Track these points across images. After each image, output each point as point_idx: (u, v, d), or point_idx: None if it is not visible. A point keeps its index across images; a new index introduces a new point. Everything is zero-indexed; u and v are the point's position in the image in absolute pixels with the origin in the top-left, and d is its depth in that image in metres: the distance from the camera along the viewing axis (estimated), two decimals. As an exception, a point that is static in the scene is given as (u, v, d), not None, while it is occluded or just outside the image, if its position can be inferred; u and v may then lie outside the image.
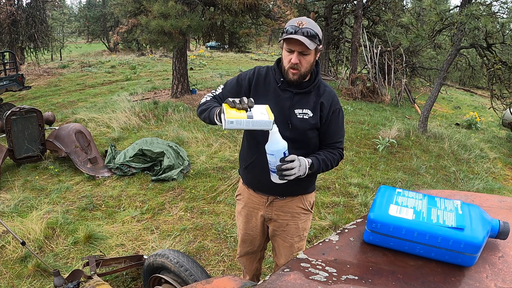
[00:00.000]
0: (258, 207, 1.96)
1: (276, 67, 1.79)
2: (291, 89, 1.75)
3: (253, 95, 1.79)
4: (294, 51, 1.63)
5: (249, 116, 1.38)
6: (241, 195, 2.05)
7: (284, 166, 1.50)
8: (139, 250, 3.22)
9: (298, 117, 1.74)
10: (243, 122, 1.38)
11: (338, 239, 0.80)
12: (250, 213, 2.00)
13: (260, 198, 1.94)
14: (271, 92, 1.78)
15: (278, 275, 0.67)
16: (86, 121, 7.24)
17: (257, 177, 1.89)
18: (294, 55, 1.63)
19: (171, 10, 7.25)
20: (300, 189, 1.90)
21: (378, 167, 5.50)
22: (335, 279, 0.65)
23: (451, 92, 16.96)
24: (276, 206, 1.92)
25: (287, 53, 1.66)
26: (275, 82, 1.78)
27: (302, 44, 1.58)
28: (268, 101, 1.70)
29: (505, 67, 6.91)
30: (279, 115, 1.70)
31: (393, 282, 0.65)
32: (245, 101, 1.41)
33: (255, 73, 1.82)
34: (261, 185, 1.89)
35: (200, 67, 17.83)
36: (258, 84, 1.81)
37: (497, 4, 7.45)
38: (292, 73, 1.68)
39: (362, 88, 11.18)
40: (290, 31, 1.60)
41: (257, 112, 1.42)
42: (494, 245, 0.77)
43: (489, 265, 0.70)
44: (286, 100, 1.75)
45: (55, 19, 25.77)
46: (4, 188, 4.41)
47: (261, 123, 1.41)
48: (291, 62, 1.65)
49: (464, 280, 0.66)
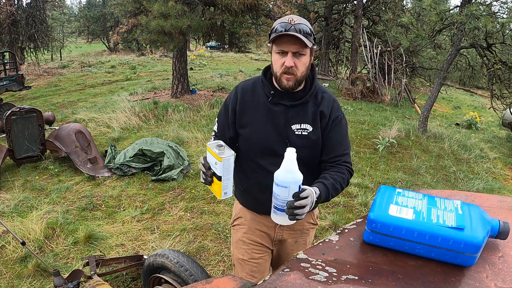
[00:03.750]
0: (266, 229, 1.71)
1: (264, 79, 1.56)
2: (284, 102, 1.51)
3: (240, 118, 1.57)
4: (288, 52, 1.40)
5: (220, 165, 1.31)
6: (242, 218, 1.76)
7: (298, 203, 1.17)
8: (139, 250, 3.22)
9: (296, 134, 1.51)
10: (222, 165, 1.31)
11: (338, 239, 0.80)
12: (255, 238, 1.72)
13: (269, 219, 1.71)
14: (261, 109, 1.54)
15: (278, 275, 0.67)
16: (86, 121, 7.24)
17: (260, 199, 1.64)
18: (288, 57, 1.40)
19: (171, 10, 7.25)
20: None
21: (378, 167, 5.49)
22: (335, 279, 0.65)
23: (451, 92, 16.96)
24: (287, 226, 1.68)
25: (278, 56, 1.43)
26: (265, 96, 1.54)
27: (297, 42, 1.37)
28: (259, 119, 1.53)
29: (505, 67, 6.91)
30: (273, 134, 1.51)
31: (393, 282, 0.65)
32: (208, 174, 1.36)
33: (238, 93, 1.59)
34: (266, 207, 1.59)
35: (200, 67, 17.83)
36: (244, 103, 1.57)
37: (497, 4, 7.45)
38: (287, 78, 1.44)
39: (362, 88, 11.18)
40: (280, 29, 1.38)
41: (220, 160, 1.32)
42: (494, 245, 0.77)
43: (489, 265, 0.70)
44: (280, 115, 1.52)
45: (55, 19, 25.77)
46: (4, 188, 4.41)
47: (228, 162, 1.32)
48: (284, 65, 1.41)
49: (464, 280, 0.66)
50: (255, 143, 1.55)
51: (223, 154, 1.29)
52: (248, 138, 1.57)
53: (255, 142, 1.55)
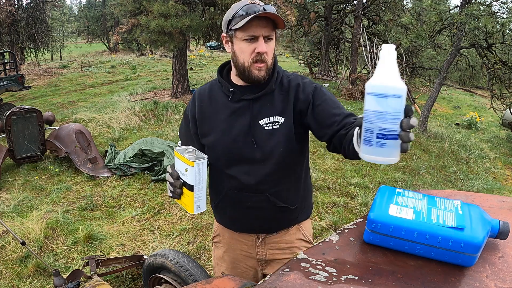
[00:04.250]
0: (246, 248, 1.50)
1: (220, 78, 1.38)
2: (247, 96, 1.32)
3: (201, 127, 1.41)
4: (258, 37, 1.22)
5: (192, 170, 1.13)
6: (219, 236, 1.56)
7: (412, 121, 0.80)
8: (139, 250, 3.22)
9: (266, 129, 1.31)
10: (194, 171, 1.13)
11: (338, 239, 0.80)
12: (237, 257, 1.53)
13: (248, 237, 1.48)
14: (221, 111, 1.36)
15: (278, 275, 0.67)
16: (86, 121, 7.24)
17: (232, 216, 1.46)
18: (260, 42, 1.22)
19: (171, 10, 7.25)
20: (294, 215, 1.45)
21: (378, 167, 5.49)
22: (335, 279, 0.65)
23: (451, 92, 16.95)
24: (269, 243, 1.47)
25: (247, 44, 1.23)
26: (224, 96, 1.36)
27: (268, 25, 1.21)
28: (221, 123, 1.35)
29: (505, 67, 6.91)
30: (240, 136, 1.32)
31: (393, 282, 0.65)
32: (177, 185, 1.19)
33: (195, 100, 1.42)
34: (243, 224, 1.46)
35: (200, 67, 17.83)
36: (203, 109, 1.40)
37: (497, 4, 7.45)
38: (258, 68, 1.25)
39: (362, 88, 11.18)
40: (243, 13, 1.20)
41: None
42: (494, 245, 0.77)
43: (489, 265, 0.70)
44: (244, 112, 1.32)
45: (55, 19, 25.76)
46: (4, 188, 4.41)
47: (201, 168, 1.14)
48: (255, 52, 1.23)
49: (464, 280, 0.66)
50: (220, 151, 1.35)
51: (194, 158, 1.12)
52: (212, 147, 1.37)
53: (220, 150, 1.35)
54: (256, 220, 1.42)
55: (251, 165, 1.34)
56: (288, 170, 1.37)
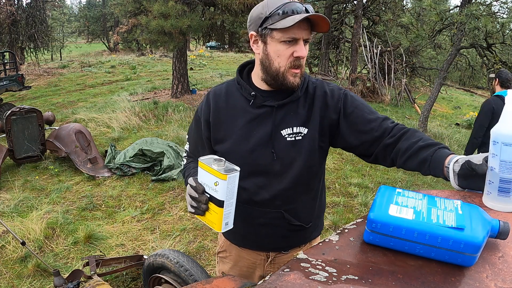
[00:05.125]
0: (254, 266, 1.41)
1: (240, 79, 1.25)
2: (270, 103, 1.20)
3: (215, 132, 1.27)
4: (299, 39, 1.11)
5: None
6: (226, 252, 1.46)
7: None
8: (139, 250, 3.22)
9: (287, 140, 1.20)
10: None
11: (338, 239, 0.80)
12: (243, 274, 1.44)
13: (257, 256, 1.38)
14: (240, 116, 1.23)
15: (278, 275, 0.67)
16: (86, 121, 7.25)
17: (240, 232, 1.33)
18: (300, 45, 1.12)
19: (171, 10, 7.26)
20: (307, 233, 1.37)
21: (378, 167, 5.49)
22: (335, 279, 0.65)
23: (451, 92, 16.95)
24: (279, 263, 1.38)
25: (285, 46, 1.12)
26: (245, 100, 1.23)
27: (308, 27, 1.11)
28: (239, 130, 1.22)
29: (505, 67, 6.91)
30: (258, 146, 1.21)
31: (393, 282, 0.65)
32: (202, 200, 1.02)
33: (210, 101, 1.28)
34: (252, 241, 1.35)
35: (200, 67, 17.83)
36: (219, 112, 1.26)
37: (497, 4, 7.46)
38: (294, 74, 1.15)
39: (362, 88, 11.18)
40: (289, 11, 1.08)
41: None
42: (494, 245, 0.77)
43: (489, 265, 0.70)
44: (266, 119, 1.21)
45: (55, 19, 25.78)
46: (4, 188, 4.41)
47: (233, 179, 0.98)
48: (294, 57, 1.12)
49: (464, 280, 0.66)
50: (235, 160, 1.15)
51: (226, 171, 0.97)
52: (227, 155, 1.18)
53: (235, 159, 1.16)
54: (267, 238, 1.31)
55: (267, 178, 1.23)
56: (306, 185, 1.27)
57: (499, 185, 0.85)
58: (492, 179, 0.87)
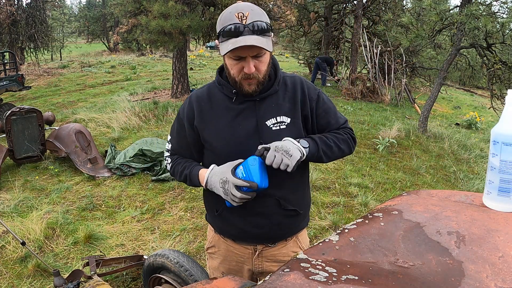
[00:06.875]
0: (242, 260, 1.49)
1: (221, 80, 1.34)
2: (251, 98, 1.30)
3: (203, 133, 1.35)
4: (246, 57, 1.19)
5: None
6: (215, 247, 1.58)
7: None
8: (139, 250, 3.22)
9: (273, 130, 1.29)
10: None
11: (338, 239, 0.80)
12: (233, 268, 1.52)
13: (244, 250, 1.46)
14: (224, 114, 1.32)
15: (278, 275, 0.67)
16: (86, 121, 7.25)
17: (237, 224, 1.41)
18: (248, 63, 1.19)
19: (171, 10, 7.26)
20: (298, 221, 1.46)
21: (378, 167, 5.49)
22: (335, 279, 0.65)
23: (451, 92, 16.95)
24: (266, 256, 1.46)
25: (234, 61, 1.21)
26: (227, 98, 1.32)
27: (254, 46, 1.16)
28: (225, 127, 1.31)
29: (505, 67, 6.91)
30: (245, 139, 1.30)
31: (393, 282, 0.65)
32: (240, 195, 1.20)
33: (193, 104, 1.36)
34: (244, 233, 1.42)
35: (200, 67, 17.84)
36: (203, 114, 1.34)
37: (497, 4, 7.46)
38: (248, 83, 1.24)
39: (362, 88, 11.19)
40: (231, 32, 1.15)
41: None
42: (494, 245, 0.77)
43: (489, 265, 0.70)
44: (249, 113, 1.30)
45: (55, 19, 25.78)
46: (4, 188, 4.41)
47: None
48: (243, 72, 1.21)
49: (464, 280, 0.66)
50: (225, 157, 1.29)
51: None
52: (218, 152, 1.33)
53: (225, 156, 1.30)
54: (261, 228, 1.38)
55: None
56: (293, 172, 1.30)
57: (499, 185, 0.85)
58: (492, 179, 0.87)
